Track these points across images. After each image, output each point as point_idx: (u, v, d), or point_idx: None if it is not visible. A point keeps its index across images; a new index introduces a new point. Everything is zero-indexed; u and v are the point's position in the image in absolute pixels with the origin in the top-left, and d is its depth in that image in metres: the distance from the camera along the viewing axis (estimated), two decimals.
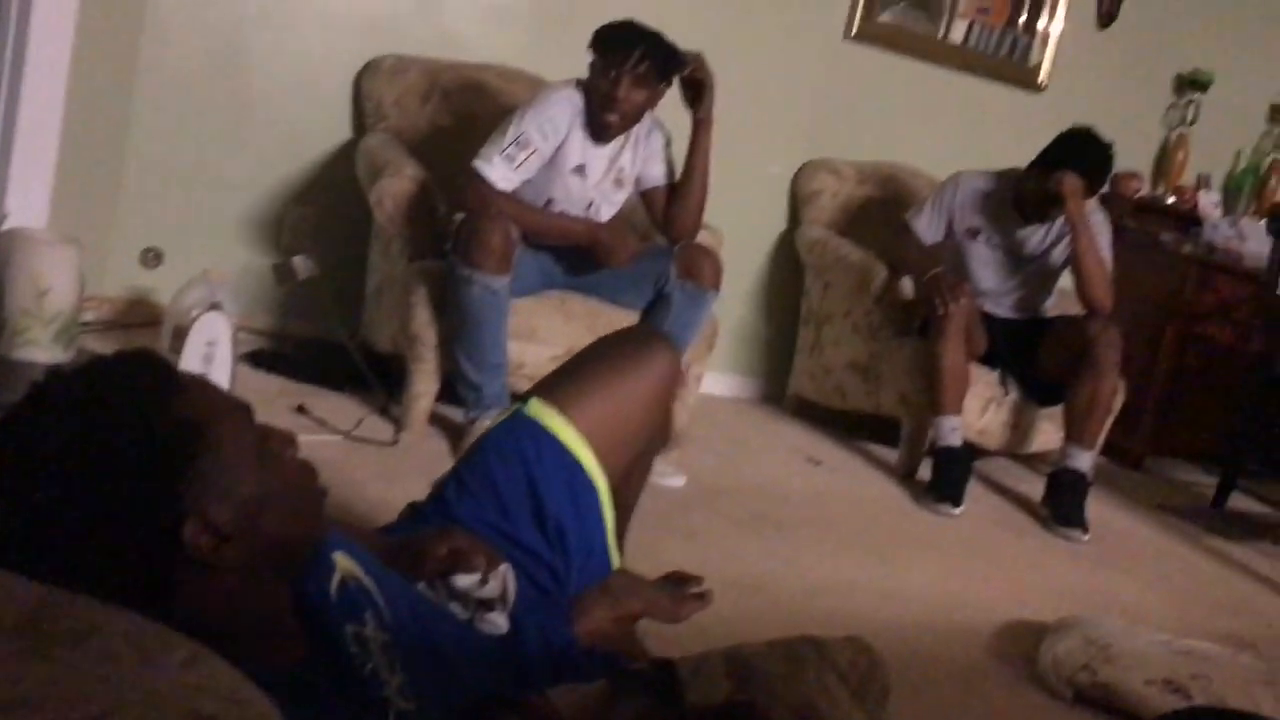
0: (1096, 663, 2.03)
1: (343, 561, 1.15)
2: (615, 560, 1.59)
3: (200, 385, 1.05)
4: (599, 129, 2.75)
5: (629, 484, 1.62)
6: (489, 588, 1.34)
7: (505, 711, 1.22)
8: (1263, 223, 4.09)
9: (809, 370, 3.76)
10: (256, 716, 0.82)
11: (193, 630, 0.90)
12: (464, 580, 1.34)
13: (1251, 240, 4.16)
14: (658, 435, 1.64)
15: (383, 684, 1.10)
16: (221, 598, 1.00)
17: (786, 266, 3.91)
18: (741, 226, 3.71)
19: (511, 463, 1.49)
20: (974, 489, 3.23)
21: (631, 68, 2.65)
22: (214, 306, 2.74)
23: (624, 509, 1.66)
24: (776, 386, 3.97)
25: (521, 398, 1.55)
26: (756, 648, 1.25)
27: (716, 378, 3.79)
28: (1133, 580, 2.82)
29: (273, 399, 2.82)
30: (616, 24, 2.71)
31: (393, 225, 2.81)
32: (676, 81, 2.80)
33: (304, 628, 1.07)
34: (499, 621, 1.33)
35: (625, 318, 2.85)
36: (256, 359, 3.06)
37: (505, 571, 1.36)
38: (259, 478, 1.01)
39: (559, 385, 1.53)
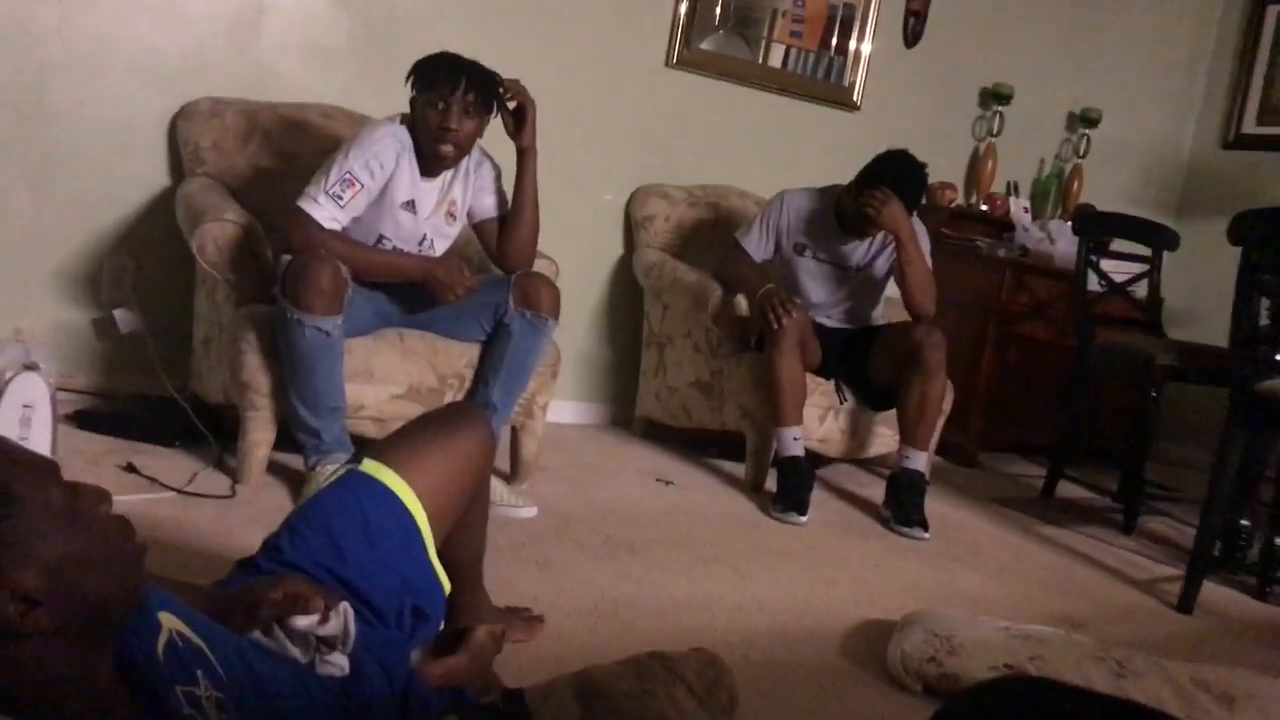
0: (941, 655, 2.10)
1: (169, 620, 1.11)
2: (446, 587, 1.59)
3: None
4: (428, 162, 2.73)
5: (457, 548, 1.66)
6: (330, 626, 1.31)
7: None
8: (1069, 224, 4.33)
9: (654, 392, 3.80)
10: None
11: (5, 703, 0.86)
12: (303, 621, 1.31)
13: (1060, 241, 4.41)
14: (478, 504, 1.71)
15: None
16: (36, 666, 0.95)
17: (626, 291, 3.96)
18: (579, 254, 3.75)
19: (349, 511, 1.48)
20: (819, 496, 3.31)
21: (460, 97, 2.64)
22: (29, 367, 2.62)
23: (465, 570, 1.72)
24: (624, 410, 4.01)
25: (353, 459, 1.57)
26: (605, 668, 1.26)
27: (563, 405, 3.80)
28: (973, 572, 2.94)
29: (99, 459, 2.70)
30: (435, 56, 2.70)
31: (217, 271, 2.73)
32: (499, 112, 2.80)
33: (130, 691, 1.03)
34: (340, 662, 1.31)
35: (465, 351, 2.83)
36: (81, 419, 2.93)
37: (345, 610, 1.34)
38: (68, 538, 0.97)
39: (391, 449, 1.57)
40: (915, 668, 2.09)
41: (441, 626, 1.63)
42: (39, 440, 2.56)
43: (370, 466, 1.52)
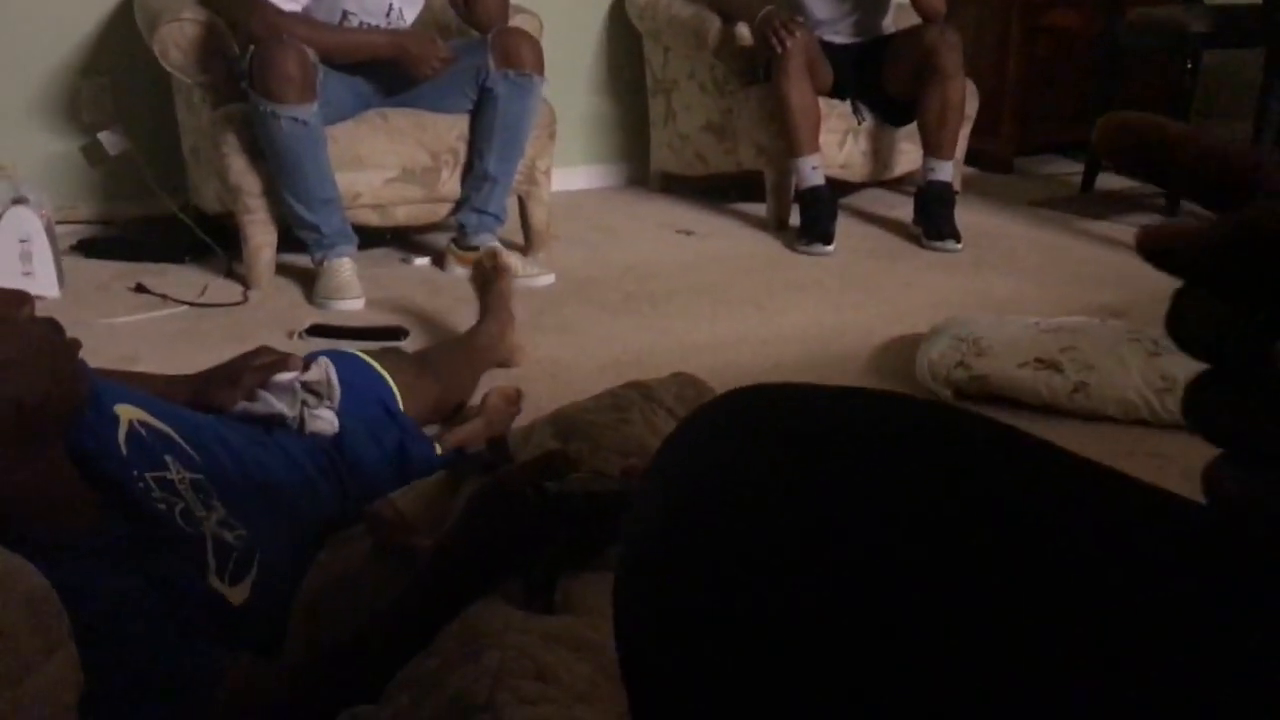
0: (969, 358, 2.05)
1: (127, 411, 1.09)
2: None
3: None
4: None
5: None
6: (313, 373, 1.32)
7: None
8: None
9: (666, 142, 3.66)
10: (22, 595, 0.77)
11: None
12: (286, 375, 1.31)
13: None
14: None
15: (198, 521, 1.05)
16: None
17: (623, 40, 3.76)
18: (566, 3, 3.54)
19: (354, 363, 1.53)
20: (845, 224, 3.21)
21: None
22: (18, 201, 2.58)
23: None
24: (639, 167, 3.89)
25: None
26: (581, 404, 1.22)
27: (574, 171, 3.70)
28: (1008, 277, 2.85)
29: (109, 284, 2.69)
30: None
31: (185, 74, 2.62)
32: None
33: (93, 487, 1.01)
34: (328, 416, 1.31)
35: (454, 123, 2.72)
36: (87, 248, 2.91)
37: (325, 362, 1.34)
38: None
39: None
40: (944, 374, 2.05)
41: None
42: (43, 273, 2.55)
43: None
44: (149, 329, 2.41)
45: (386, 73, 2.66)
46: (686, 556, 0.35)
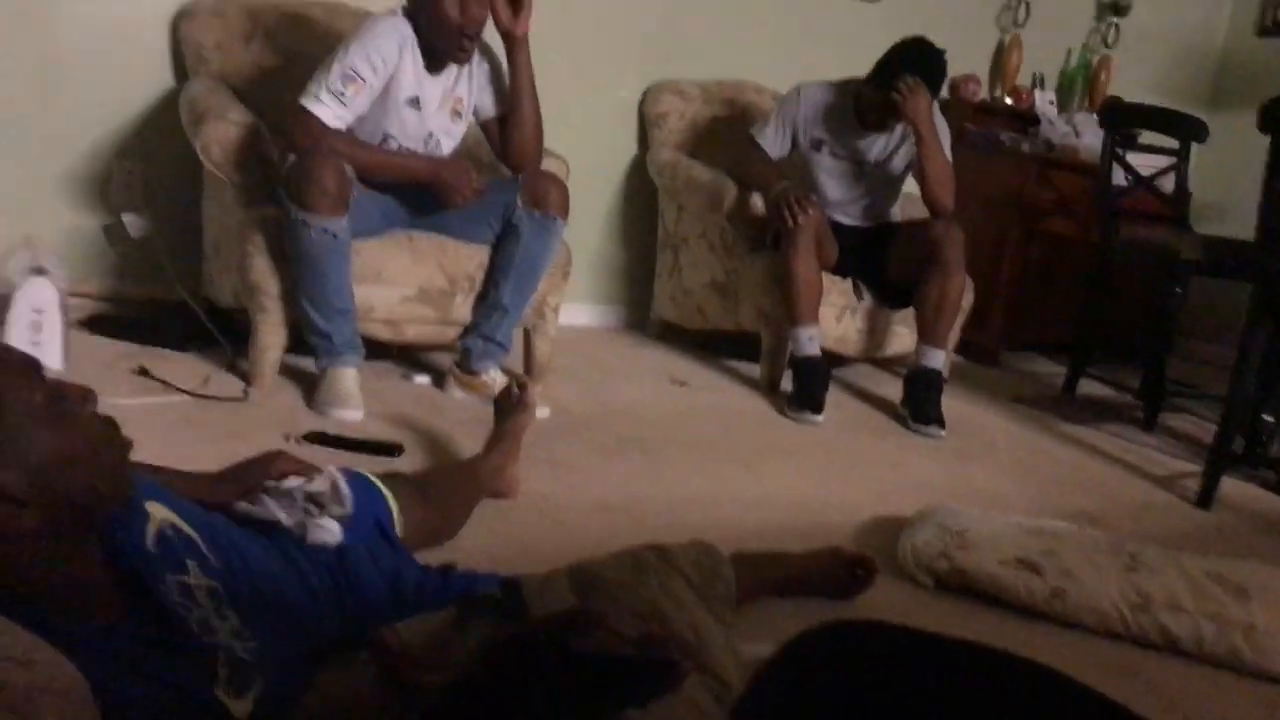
0: (952, 549, 2.09)
1: (158, 510, 1.11)
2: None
3: None
4: (432, 57, 2.67)
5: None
6: (317, 483, 1.33)
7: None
8: (1095, 116, 4.22)
9: (670, 293, 3.76)
10: (48, 679, 0.78)
11: None
12: (291, 481, 1.34)
13: (1086, 135, 4.30)
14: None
15: (214, 630, 1.07)
16: (25, 563, 0.95)
17: (641, 191, 3.90)
18: (592, 153, 3.69)
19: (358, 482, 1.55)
20: (836, 396, 3.29)
21: None
22: (38, 272, 2.62)
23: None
24: (640, 313, 3.98)
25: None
26: (601, 560, 1.25)
27: (578, 308, 3.78)
28: (990, 470, 2.92)
29: (113, 363, 2.70)
30: None
31: (223, 173, 2.69)
32: None
33: (121, 583, 1.03)
34: (331, 527, 1.33)
35: (475, 252, 2.80)
36: (94, 324, 2.94)
37: (332, 472, 1.36)
38: (53, 438, 0.96)
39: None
40: (926, 562, 2.08)
41: None
42: (50, 345, 2.57)
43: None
44: (147, 415, 2.42)
45: (419, 196, 2.75)
46: None
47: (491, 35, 2.75)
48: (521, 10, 2.70)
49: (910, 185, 3.44)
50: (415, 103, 2.69)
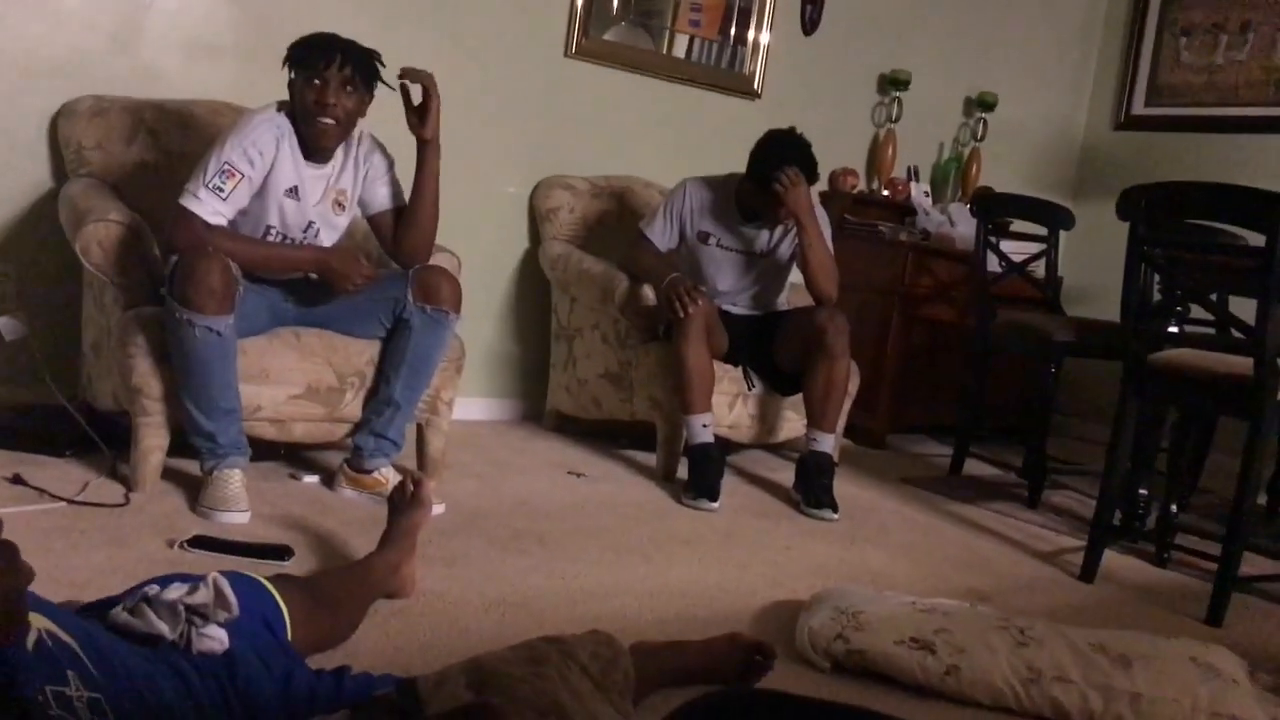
0: (849, 631, 2.11)
1: (36, 620, 1.07)
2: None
3: None
4: (311, 148, 2.67)
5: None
6: (199, 595, 1.30)
7: None
8: (968, 207, 4.41)
9: (564, 385, 3.78)
10: None
11: None
12: (172, 593, 1.29)
13: (961, 224, 4.48)
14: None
15: None
16: None
17: (533, 285, 3.93)
18: (484, 247, 3.71)
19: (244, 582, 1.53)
20: (730, 482, 3.33)
21: (336, 72, 2.59)
22: None
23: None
24: (535, 405, 3.98)
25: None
26: (497, 654, 1.24)
27: (473, 402, 3.77)
28: (882, 551, 2.97)
29: None
30: (311, 36, 2.64)
31: (104, 273, 2.64)
32: (403, 103, 2.75)
33: None
34: (218, 634, 1.29)
35: (365, 348, 2.78)
36: None
37: (214, 578, 1.33)
38: None
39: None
40: (823, 645, 2.10)
41: None
42: None
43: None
44: (22, 523, 2.32)
45: (307, 287, 2.73)
46: None
47: (404, 137, 2.78)
48: (429, 115, 2.74)
49: (796, 275, 3.54)
50: (294, 192, 2.67)
